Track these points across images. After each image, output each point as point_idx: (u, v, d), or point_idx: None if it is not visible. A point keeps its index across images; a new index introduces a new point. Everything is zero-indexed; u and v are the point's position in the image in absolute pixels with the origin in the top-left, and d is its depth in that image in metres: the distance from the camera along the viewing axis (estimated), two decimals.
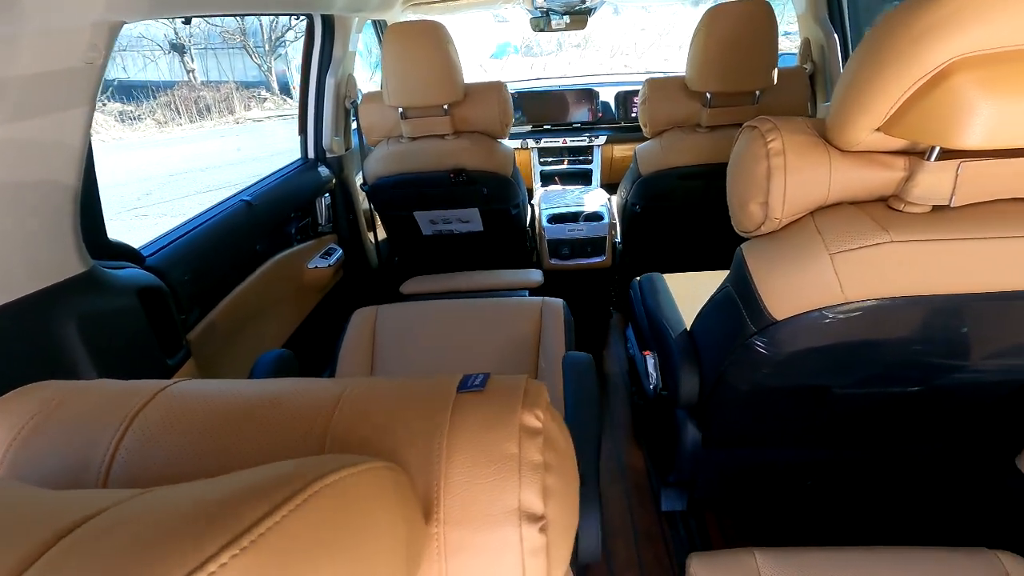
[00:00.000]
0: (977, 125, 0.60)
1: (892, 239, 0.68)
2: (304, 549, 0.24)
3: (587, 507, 0.85)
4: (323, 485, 0.27)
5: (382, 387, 0.45)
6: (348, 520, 0.28)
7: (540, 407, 0.43)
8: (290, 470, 0.28)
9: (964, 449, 1.15)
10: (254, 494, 0.25)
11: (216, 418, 0.42)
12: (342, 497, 0.28)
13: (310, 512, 0.26)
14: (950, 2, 0.59)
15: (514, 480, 0.39)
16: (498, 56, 12.48)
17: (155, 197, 6.39)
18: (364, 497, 0.30)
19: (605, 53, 13.52)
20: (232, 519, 0.23)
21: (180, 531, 0.22)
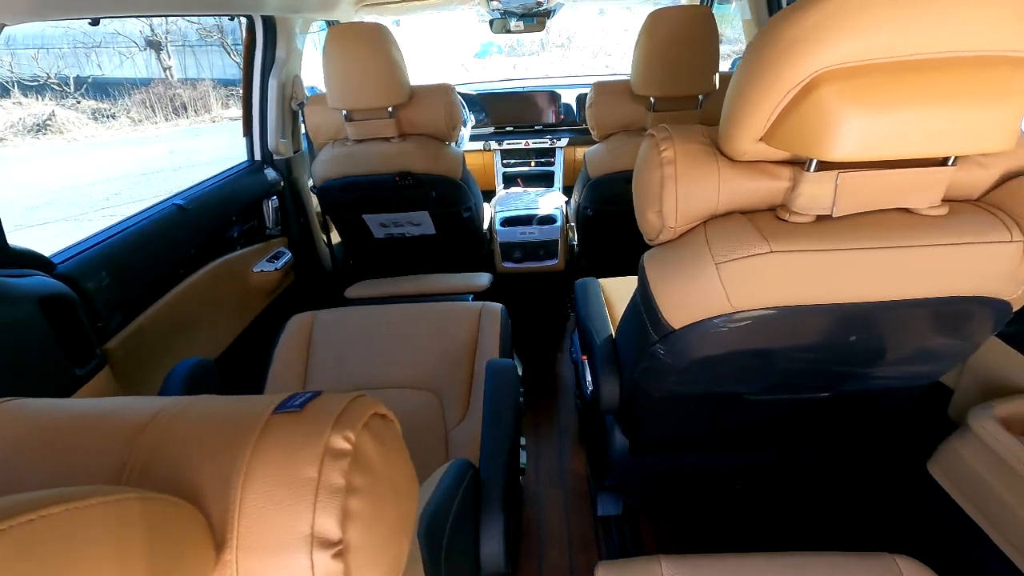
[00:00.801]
0: (845, 138, 0.61)
1: (772, 249, 0.68)
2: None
3: (489, 519, 0.85)
4: (27, 520, 0.26)
5: (198, 408, 0.44)
6: (57, 560, 0.27)
7: (354, 428, 0.42)
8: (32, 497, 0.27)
9: (881, 454, 1.17)
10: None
11: (14, 444, 0.41)
12: (57, 532, 0.27)
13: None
14: (812, 16, 0.59)
15: (308, 504, 0.38)
16: (481, 56, 12.45)
17: (124, 197, 6.29)
18: (91, 536, 0.29)
19: (588, 53, 13.56)
20: None
21: None
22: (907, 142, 0.61)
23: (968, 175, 0.72)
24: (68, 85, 10.65)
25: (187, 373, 1.05)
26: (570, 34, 13.74)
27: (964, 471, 0.94)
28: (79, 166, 7.78)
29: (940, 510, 0.99)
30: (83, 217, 5.75)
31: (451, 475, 0.83)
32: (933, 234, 0.68)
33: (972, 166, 0.72)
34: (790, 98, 0.63)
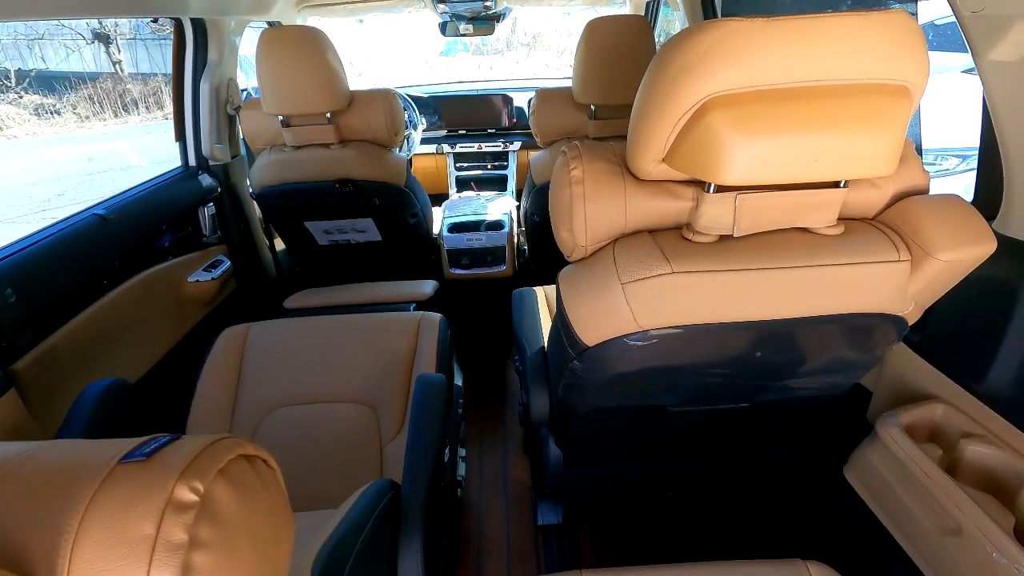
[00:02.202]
0: (734, 163, 0.62)
1: (673, 270, 0.69)
2: None
3: (408, 541, 0.83)
4: None
5: (37, 459, 0.41)
6: None
7: (205, 476, 0.40)
8: None
9: (804, 459, 1.20)
10: None
11: None
12: None
13: None
14: (699, 45, 0.59)
15: (142, 565, 0.36)
16: (447, 53, 12.36)
17: (68, 198, 6.00)
18: None
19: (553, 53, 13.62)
20: None
21: None
22: (791, 167, 0.62)
23: (863, 195, 0.74)
24: (8, 79, 10.10)
25: (98, 396, 1.01)
26: (536, 33, 13.78)
27: (874, 477, 0.97)
28: (19, 165, 7.39)
29: (854, 515, 1.03)
30: (21, 219, 5.46)
31: (367, 498, 0.81)
32: (829, 254, 0.70)
33: (866, 187, 0.74)
34: (684, 122, 0.64)
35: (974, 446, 0.85)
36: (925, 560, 0.86)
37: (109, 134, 9.12)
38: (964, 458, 0.85)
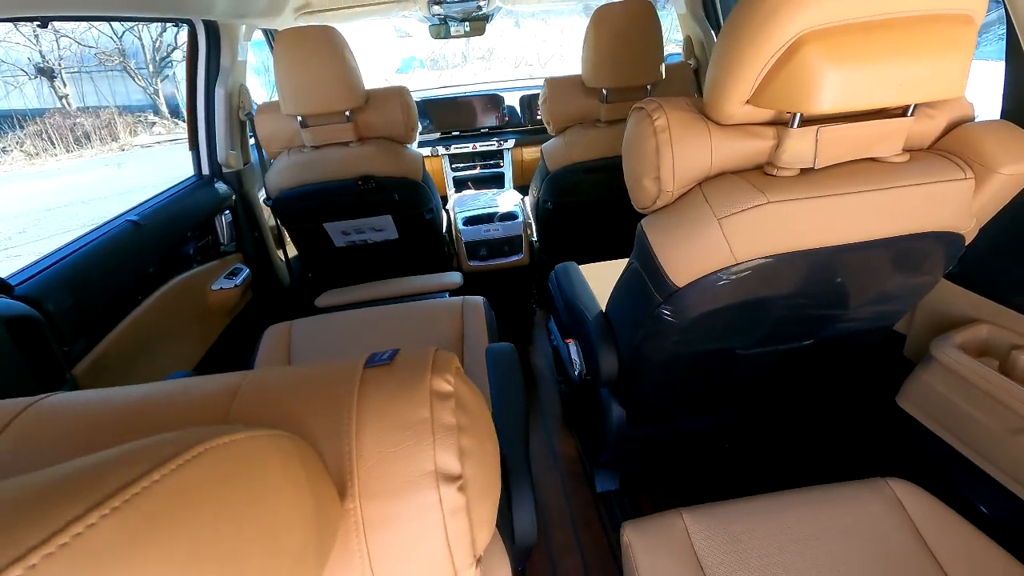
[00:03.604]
0: (827, 91, 0.67)
1: (769, 200, 0.74)
2: (188, 508, 0.23)
3: (520, 491, 0.86)
4: (210, 447, 0.26)
5: (284, 373, 0.43)
6: (241, 484, 0.26)
7: (450, 372, 0.43)
8: (176, 435, 0.26)
9: (853, 395, 1.27)
10: (132, 456, 0.23)
11: (96, 427, 0.39)
12: (234, 461, 0.26)
13: (194, 473, 0.24)
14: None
15: (428, 443, 0.38)
16: (404, 71, 12.43)
17: (31, 235, 5.76)
18: (261, 463, 0.28)
19: (510, 64, 13.83)
20: (106, 478, 0.21)
21: (41, 497, 0.20)
22: (878, 92, 0.68)
23: (921, 126, 0.81)
24: None
25: None
26: (490, 47, 13.99)
27: (933, 398, 1.04)
28: None
29: (913, 438, 1.10)
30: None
31: None
32: (900, 177, 0.76)
33: (923, 118, 0.81)
34: (775, 59, 0.70)
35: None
36: (994, 462, 0.94)
37: (64, 169, 8.80)
38: (1019, 367, 0.93)
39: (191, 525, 0.22)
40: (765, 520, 0.90)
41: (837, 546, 0.86)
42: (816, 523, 0.89)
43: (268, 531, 0.27)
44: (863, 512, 0.90)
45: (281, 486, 0.29)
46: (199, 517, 0.23)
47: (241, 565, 0.25)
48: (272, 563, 0.27)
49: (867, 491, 0.92)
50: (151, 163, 8.78)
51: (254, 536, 0.25)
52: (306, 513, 0.30)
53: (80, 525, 0.19)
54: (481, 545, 0.42)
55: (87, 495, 0.20)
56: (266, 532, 0.26)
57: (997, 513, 0.96)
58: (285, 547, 0.29)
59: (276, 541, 0.27)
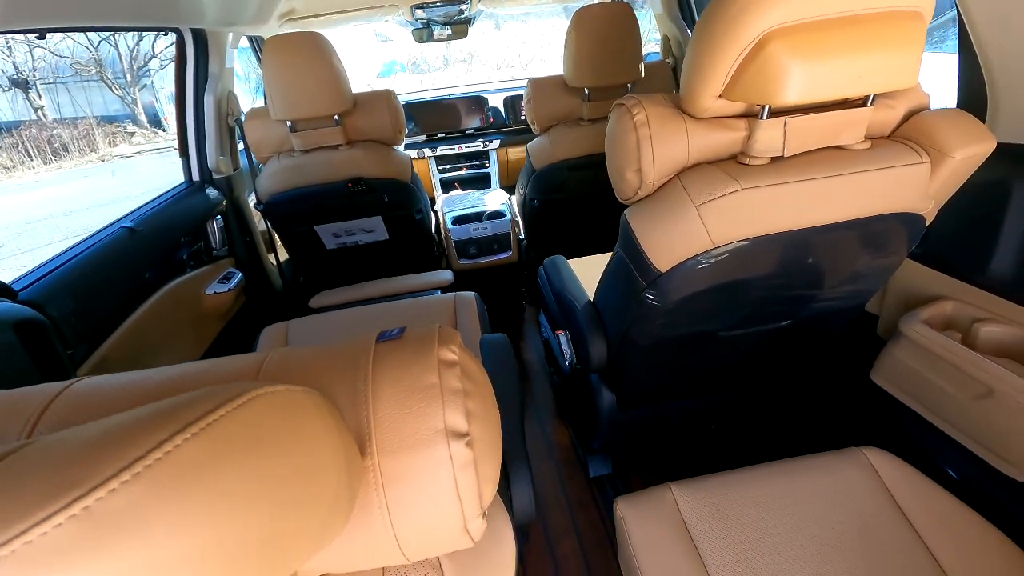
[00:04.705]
0: (792, 84, 0.73)
1: (742, 187, 0.80)
2: (246, 442, 0.27)
3: (517, 471, 0.90)
4: (259, 394, 0.30)
5: (303, 351, 0.47)
6: (290, 425, 0.30)
7: (455, 344, 0.47)
8: (226, 386, 0.30)
9: (831, 374, 1.33)
10: (195, 398, 0.27)
11: (137, 398, 0.42)
12: (279, 408, 0.31)
13: (250, 415, 0.28)
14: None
15: (438, 404, 0.42)
16: (385, 75, 12.42)
17: (11, 248, 5.68)
18: (304, 412, 0.32)
19: (491, 66, 13.89)
20: (183, 412, 0.25)
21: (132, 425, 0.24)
22: (838, 84, 0.74)
23: (881, 115, 0.88)
24: None
25: None
26: (472, 50, 14.04)
27: (903, 371, 1.11)
28: None
29: (886, 410, 1.16)
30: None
31: None
32: (863, 163, 0.82)
33: (883, 107, 0.87)
34: (744, 56, 0.75)
35: (986, 327, 0.99)
36: (960, 428, 1.00)
37: (42, 181, 8.68)
38: (980, 339, 1.00)
39: (252, 456, 0.27)
40: (748, 490, 0.95)
41: (816, 511, 0.91)
42: (796, 491, 0.94)
43: (309, 475, 0.31)
44: (840, 479, 0.95)
45: (318, 435, 0.33)
46: (259, 450, 0.27)
47: (287, 502, 0.29)
48: (312, 505, 0.31)
49: (844, 460, 0.98)
50: (132, 173, 8.69)
51: (298, 478, 0.29)
52: (339, 461, 0.34)
53: (159, 452, 0.23)
54: (487, 500, 0.47)
55: (165, 426, 0.25)
56: (307, 475, 0.31)
57: (964, 475, 1.02)
58: (322, 491, 0.33)
59: (315, 484, 0.31)
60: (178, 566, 0.22)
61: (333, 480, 0.34)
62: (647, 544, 0.89)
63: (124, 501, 0.21)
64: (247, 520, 0.25)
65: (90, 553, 0.20)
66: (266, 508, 0.26)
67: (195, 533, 0.23)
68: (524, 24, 14.39)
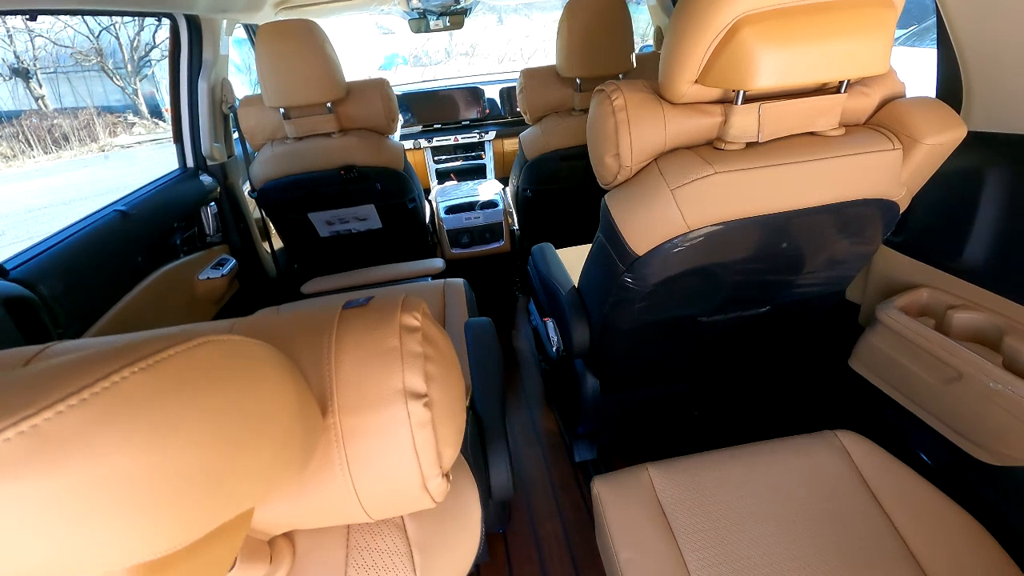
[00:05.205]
0: (763, 69, 0.74)
1: (716, 171, 0.81)
2: (199, 378, 0.29)
3: (495, 449, 0.92)
4: (212, 339, 0.31)
5: (273, 317, 0.49)
6: (239, 371, 0.32)
7: (418, 311, 0.49)
8: (186, 328, 0.32)
9: (813, 363, 1.35)
10: (151, 337, 0.29)
11: None
12: (233, 355, 0.32)
13: (202, 354, 0.30)
14: None
15: (397, 367, 0.44)
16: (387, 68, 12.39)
17: (10, 236, 5.70)
18: (255, 361, 0.34)
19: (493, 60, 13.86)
20: (134, 349, 0.27)
21: (84, 359, 0.26)
22: (809, 69, 0.75)
23: (856, 102, 0.89)
24: None
25: None
26: (474, 43, 14.01)
27: (879, 357, 1.13)
28: None
29: (862, 396, 1.18)
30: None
31: None
32: (836, 148, 0.84)
33: (858, 95, 0.89)
34: (717, 42, 0.77)
35: (959, 313, 1.01)
36: (933, 413, 1.02)
37: (42, 171, 8.69)
38: (953, 325, 1.01)
39: (198, 394, 0.28)
40: (723, 470, 0.97)
41: (788, 491, 0.93)
42: (770, 471, 0.96)
43: (255, 418, 0.32)
44: (813, 461, 0.98)
45: (268, 383, 0.35)
46: (205, 389, 0.29)
47: (231, 441, 0.30)
48: (257, 447, 0.33)
49: (817, 442, 1.00)
50: (132, 163, 8.70)
51: (243, 420, 0.31)
52: (289, 410, 0.36)
53: (107, 381, 0.25)
54: (447, 461, 0.49)
55: (114, 361, 0.26)
56: (253, 419, 0.32)
57: (937, 459, 1.04)
58: (269, 436, 0.34)
59: (262, 428, 0.33)
60: (121, 485, 0.24)
61: (282, 428, 0.35)
62: (622, 522, 0.91)
63: (71, 423, 0.23)
64: (190, 451, 0.27)
65: (36, 466, 0.22)
66: (209, 443, 0.28)
67: (138, 457, 0.25)
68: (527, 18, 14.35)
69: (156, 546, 0.27)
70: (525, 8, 13.57)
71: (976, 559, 0.82)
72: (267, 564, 0.46)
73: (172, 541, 0.27)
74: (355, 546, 0.51)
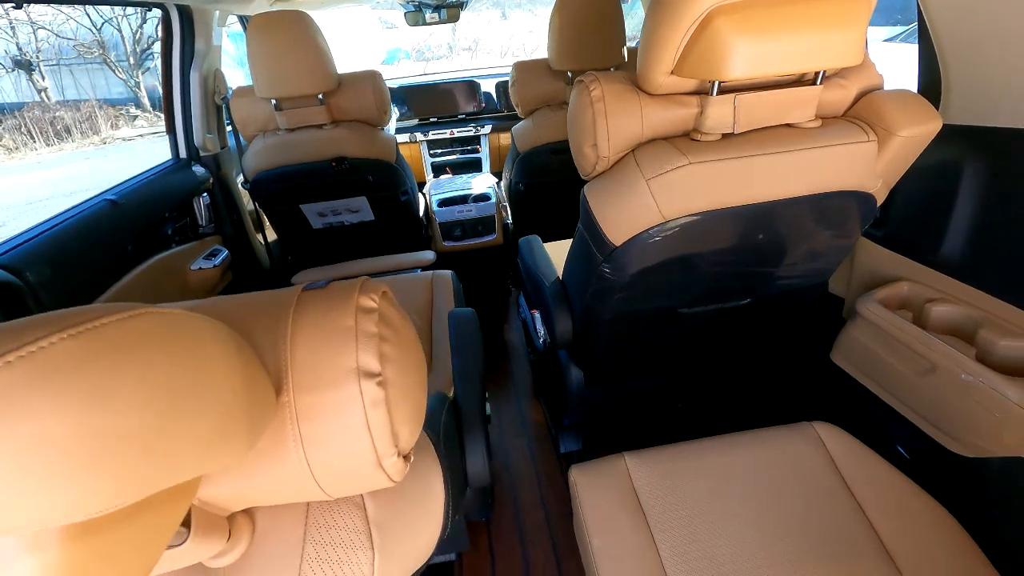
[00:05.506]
0: (736, 60, 0.75)
1: (690, 161, 0.82)
2: (133, 345, 0.29)
3: (472, 436, 0.93)
4: (150, 312, 0.32)
5: (234, 298, 0.50)
6: (179, 342, 0.33)
7: (376, 294, 0.50)
8: (125, 303, 0.33)
9: (796, 356, 1.36)
10: (89, 308, 0.30)
11: None
12: (173, 326, 0.33)
13: (140, 324, 0.31)
14: None
15: (351, 346, 0.45)
16: (389, 62, 12.38)
17: (10, 229, 5.72)
18: (197, 334, 0.35)
19: (496, 55, 13.82)
20: (67, 318, 0.28)
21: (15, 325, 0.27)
22: (782, 60, 0.76)
23: (833, 94, 0.89)
24: None
25: None
26: (477, 38, 13.97)
27: (858, 350, 1.13)
28: None
29: (841, 388, 1.19)
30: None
31: (433, 402, 0.90)
32: (811, 140, 0.84)
33: (835, 87, 0.89)
34: (691, 32, 0.77)
35: (937, 307, 1.02)
36: (908, 404, 1.03)
37: (44, 163, 8.71)
38: (930, 318, 1.02)
39: (132, 362, 0.29)
40: (699, 460, 0.98)
41: (762, 479, 0.94)
42: (745, 461, 0.97)
43: (194, 390, 0.33)
44: (789, 451, 0.98)
45: (210, 356, 0.35)
46: (140, 357, 0.30)
47: (165, 410, 0.31)
48: (194, 419, 0.33)
49: (793, 433, 1.01)
50: (133, 156, 8.71)
51: (181, 390, 0.32)
52: (233, 385, 0.37)
53: (34, 346, 0.26)
54: (405, 441, 0.49)
55: (46, 327, 0.27)
56: (192, 390, 0.33)
57: (913, 451, 1.05)
58: (209, 409, 0.34)
59: (201, 400, 0.33)
60: (47, 447, 0.25)
61: (223, 401, 0.36)
62: (596, 509, 0.92)
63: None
64: (120, 416, 0.28)
65: None
66: (141, 410, 0.29)
67: (65, 420, 0.26)
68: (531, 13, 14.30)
69: (87, 507, 0.28)
70: (529, 3, 13.54)
71: (944, 547, 0.82)
72: (224, 539, 0.47)
73: (103, 503, 0.28)
74: (313, 523, 0.52)
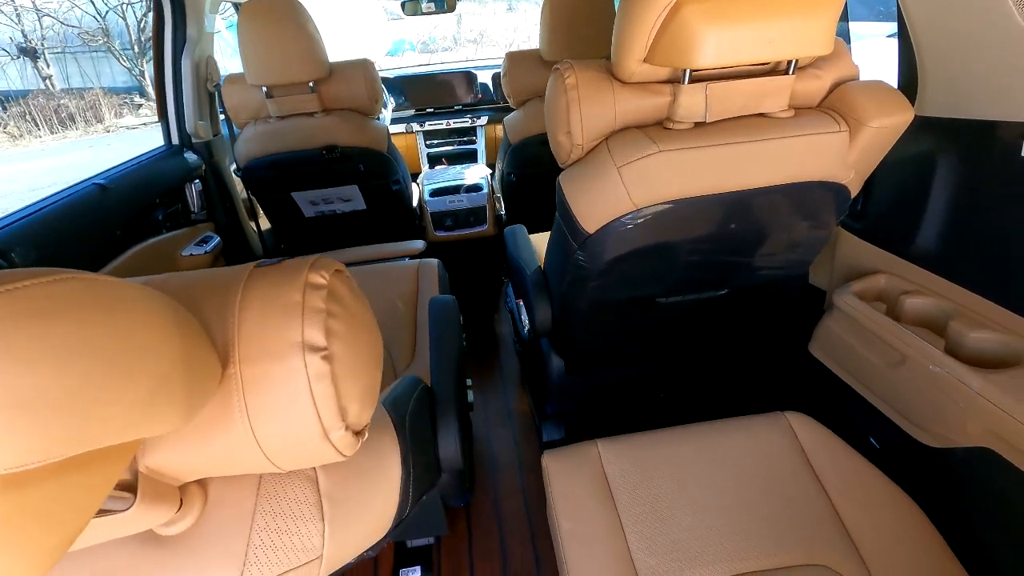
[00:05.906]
0: (705, 48, 0.75)
1: (660, 149, 0.82)
2: (56, 309, 0.30)
3: (444, 421, 0.94)
4: (82, 278, 0.33)
5: (190, 273, 0.51)
6: (107, 307, 0.34)
7: (327, 271, 0.51)
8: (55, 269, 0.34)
9: (776, 348, 1.36)
10: (15, 271, 0.31)
11: None
12: (102, 292, 0.34)
13: (65, 289, 0.32)
14: None
15: (297, 320, 0.46)
16: (394, 53, 12.35)
17: None
18: (129, 300, 0.36)
19: (502, 47, 13.76)
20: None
21: None
22: (751, 49, 0.76)
23: (808, 84, 0.89)
24: None
25: None
26: (482, 30, 13.91)
27: (834, 341, 1.14)
28: None
29: (818, 379, 1.19)
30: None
31: (403, 384, 0.91)
32: (783, 130, 0.84)
33: (809, 77, 0.89)
34: (661, 20, 0.77)
35: (911, 299, 1.02)
36: (878, 394, 1.03)
37: (48, 150, 8.75)
38: (904, 310, 1.02)
39: (55, 323, 0.30)
40: (670, 447, 0.99)
41: (732, 467, 0.95)
42: (716, 449, 0.98)
43: (122, 354, 0.34)
44: (760, 440, 0.99)
45: (142, 322, 0.36)
46: (63, 319, 0.31)
47: (90, 372, 0.31)
48: (123, 383, 0.34)
49: (765, 422, 1.02)
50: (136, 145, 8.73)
51: (108, 353, 0.33)
52: (168, 351, 0.38)
53: None
54: (355, 417, 0.50)
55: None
56: (120, 354, 0.33)
57: (883, 441, 1.06)
58: (139, 373, 0.35)
59: (129, 365, 0.34)
60: None
61: (156, 366, 0.37)
62: (566, 494, 0.93)
63: None
64: (40, 377, 0.29)
65: None
66: (63, 369, 0.30)
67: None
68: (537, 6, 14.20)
69: (5, 460, 0.29)
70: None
71: (907, 535, 0.83)
72: (174, 509, 0.48)
73: (24, 457, 0.29)
74: (265, 494, 0.53)
